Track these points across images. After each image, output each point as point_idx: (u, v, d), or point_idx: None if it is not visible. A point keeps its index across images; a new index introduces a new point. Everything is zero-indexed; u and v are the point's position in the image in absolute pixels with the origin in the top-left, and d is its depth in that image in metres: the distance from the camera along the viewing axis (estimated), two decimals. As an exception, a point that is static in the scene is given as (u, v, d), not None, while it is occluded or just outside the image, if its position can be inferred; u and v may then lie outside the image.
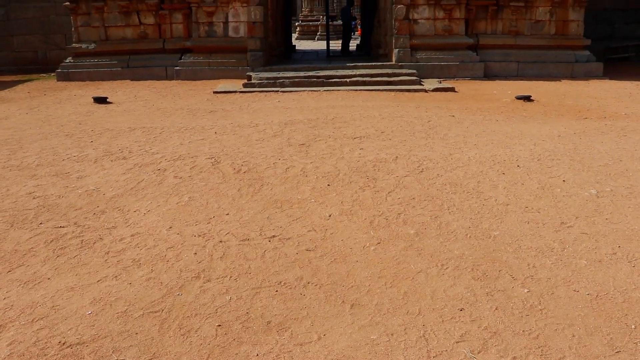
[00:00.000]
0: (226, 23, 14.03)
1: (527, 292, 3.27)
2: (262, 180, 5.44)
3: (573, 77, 13.84)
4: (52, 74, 15.44)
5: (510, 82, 13.13)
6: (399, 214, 4.53)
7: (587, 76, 13.87)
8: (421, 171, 5.67)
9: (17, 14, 17.80)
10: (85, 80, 14.17)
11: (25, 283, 3.45)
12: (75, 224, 4.41)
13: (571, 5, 14.06)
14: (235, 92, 11.78)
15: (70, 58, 14.76)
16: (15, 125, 8.73)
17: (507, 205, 4.71)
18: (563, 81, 13.33)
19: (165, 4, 14.12)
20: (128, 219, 4.51)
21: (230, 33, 14.10)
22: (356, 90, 11.75)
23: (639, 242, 3.93)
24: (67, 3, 14.29)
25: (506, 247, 3.88)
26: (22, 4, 17.77)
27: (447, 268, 3.58)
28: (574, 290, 3.28)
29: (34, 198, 5.05)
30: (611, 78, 13.70)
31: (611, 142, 6.91)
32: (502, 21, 14.17)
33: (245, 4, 13.81)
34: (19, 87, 13.98)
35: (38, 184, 5.47)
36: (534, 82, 13.09)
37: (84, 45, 14.44)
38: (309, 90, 11.77)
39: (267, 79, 12.50)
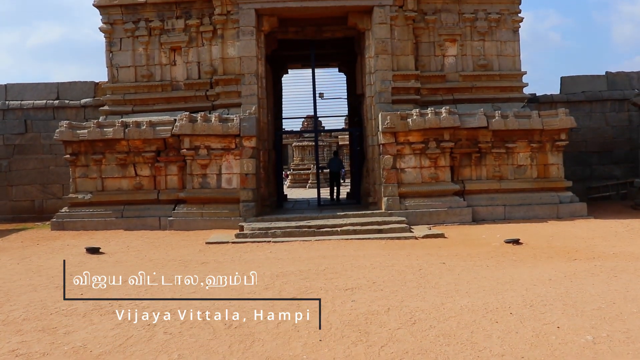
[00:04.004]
0: (219, 175, 14.54)
1: None
2: (253, 336, 5.33)
3: (559, 217, 14.15)
4: (47, 223, 15.64)
5: (498, 225, 13.34)
6: (392, 369, 4.42)
7: (572, 216, 14.18)
8: (414, 323, 5.60)
9: (19, 165, 18.52)
10: (79, 230, 14.33)
11: None
12: (58, 386, 4.26)
13: (549, 150, 14.82)
14: (227, 242, 11.87)
15: (66, 208, 15.06)
16: (4, 276, 8.69)
17: (502, 355, 4.63)
18: (550, 222, 13.59)
19: (161, 157, 14.73)
20: (114, 379, 4.37)
21: (224, 184, 14.54)
22: (347, 239, 11.84)
23: (641, 393, 3.83)
24: (68, 156, 14.88)
25: (504, 403, 3.76)
26: (24, 155, 18.55)
27: None
28: None
29: (17, 356, 4.92)
30: (596, 217, 14.02)
31: (602, 284, 6.93)
32: (486, 167, 14.80)
33: (238, 157, 14.40)
34: (13, 236, 14.09)
35: (23, 340, 5.34)
36: (521, 224, 13.32)
37: (80, 196, 14.80)
38: (300, 240, 11.87)
39: (259, 229, 12.69)
